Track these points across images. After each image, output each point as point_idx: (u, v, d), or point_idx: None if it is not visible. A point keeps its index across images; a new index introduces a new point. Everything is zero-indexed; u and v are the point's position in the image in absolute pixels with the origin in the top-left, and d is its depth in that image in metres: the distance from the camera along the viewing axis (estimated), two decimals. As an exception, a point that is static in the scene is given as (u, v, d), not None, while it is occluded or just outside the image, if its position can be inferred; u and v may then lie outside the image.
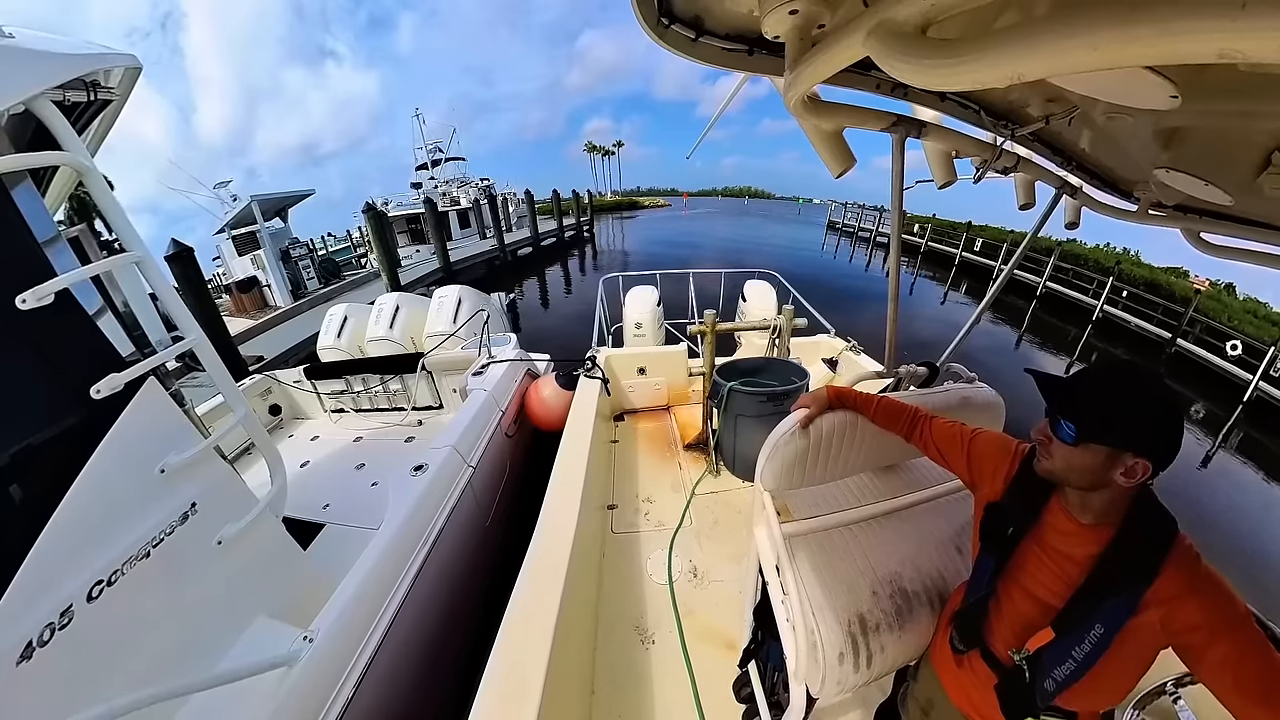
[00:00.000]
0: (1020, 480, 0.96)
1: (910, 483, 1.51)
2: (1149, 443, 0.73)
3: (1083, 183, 1.87)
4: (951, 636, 1.03)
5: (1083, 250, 16.91)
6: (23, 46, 1.36)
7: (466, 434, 2.87)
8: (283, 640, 1.58)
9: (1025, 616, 0.90)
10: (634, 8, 0.98)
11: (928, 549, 1.31)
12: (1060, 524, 0.87)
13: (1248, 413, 8.65)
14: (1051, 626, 0.84)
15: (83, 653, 1.23)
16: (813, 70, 0.88)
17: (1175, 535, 0.79)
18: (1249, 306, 13.18)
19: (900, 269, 2.22)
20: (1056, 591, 0.86)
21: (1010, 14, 0.80)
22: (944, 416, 1.20)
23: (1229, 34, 0.40)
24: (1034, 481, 0.90)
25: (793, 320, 3.16)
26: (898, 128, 1.31)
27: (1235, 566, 4.47)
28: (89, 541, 1.29)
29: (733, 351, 4.62)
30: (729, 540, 2.54)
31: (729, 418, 2.87)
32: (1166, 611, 0.76)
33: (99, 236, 4.05)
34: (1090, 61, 0.50)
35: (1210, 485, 6.46)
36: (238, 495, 1.75)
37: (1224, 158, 1.11)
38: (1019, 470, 0.97)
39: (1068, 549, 0.86)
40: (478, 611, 2.57)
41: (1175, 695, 1.38)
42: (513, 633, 1.45)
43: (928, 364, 2.22)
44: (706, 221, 41.91)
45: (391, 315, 4.91)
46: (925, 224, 22.09)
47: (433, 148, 23.64)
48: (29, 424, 1.25)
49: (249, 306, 11.32)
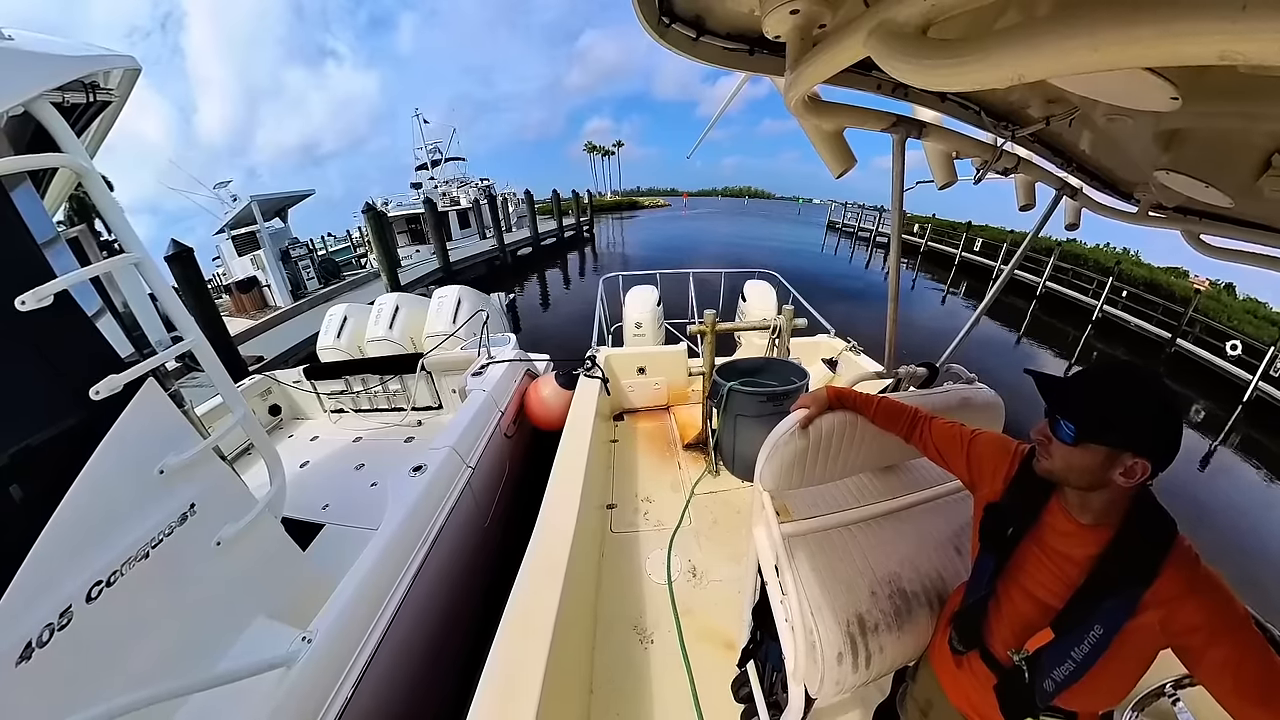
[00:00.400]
0: (1020, 481, 0.96)
1: (909, 483, 1.51)
2: (1148, 443, 0.73)
3: (1083, 184, 1.87)
4: (950, 637, 1.03)
5: (1082, 250, 16.92)
6: (22, 48, 1.36)
7: (466, 434, 2.87)
8: (282, 641, 1.58)
9: (1025, 617, 0.90)
10: (635, 7, 0.97)
11: (927, 549, 1.31)
12: (1060, 524, 0.87)
13: (1247, 413, 8.65)
14: (1051, 627, 0.84)
15: (82, 653, 1.23)
16: (813, 70, 0.88)
17: (1175, 536, 0.79)
18: (1249, 306, 13.18)
19: (900, 269, 2.22)
20: (1056, 592, 0.86)
21: (1011, 14, 0.80)
22: (943, 417, 1.20)
23: (1230, 36, 0.40)
24: (1034, 482, 0.91)
25: (792, 320, 3.16)
26: (898, 128, 1.31)
27: (1234, 566, 4.47)
28: (88, 542, 1.29)
29: (732, 351, 4.62)
30: (728, 540, 2.53)
31: (728, 418, 2.87)
32: (1166, 613, 0.76)
33: (98, 237, 4.04)
34: (1091, 62, 0.50)
35: (1210, 485, 6.46)
36: (237, 496, 1.75)
37: (1224, 160, 1.11)
38: (1018, 471, 0.97)
39: (1067, 549, 0.86)
40: (477, 611, 2.57)
41: (1174, 697, 1.38)
42: (512, 632, 1.45)
43: (927, 364, 2.22)
44: (706, 221, 41.95)
45: (391, 315, 4.91)
46: (925, 224, 22.09)
47: (432, 148, 23.63)
48: (28, 425, 1.25)
49: (249, 307, 11.31)
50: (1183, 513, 0.77)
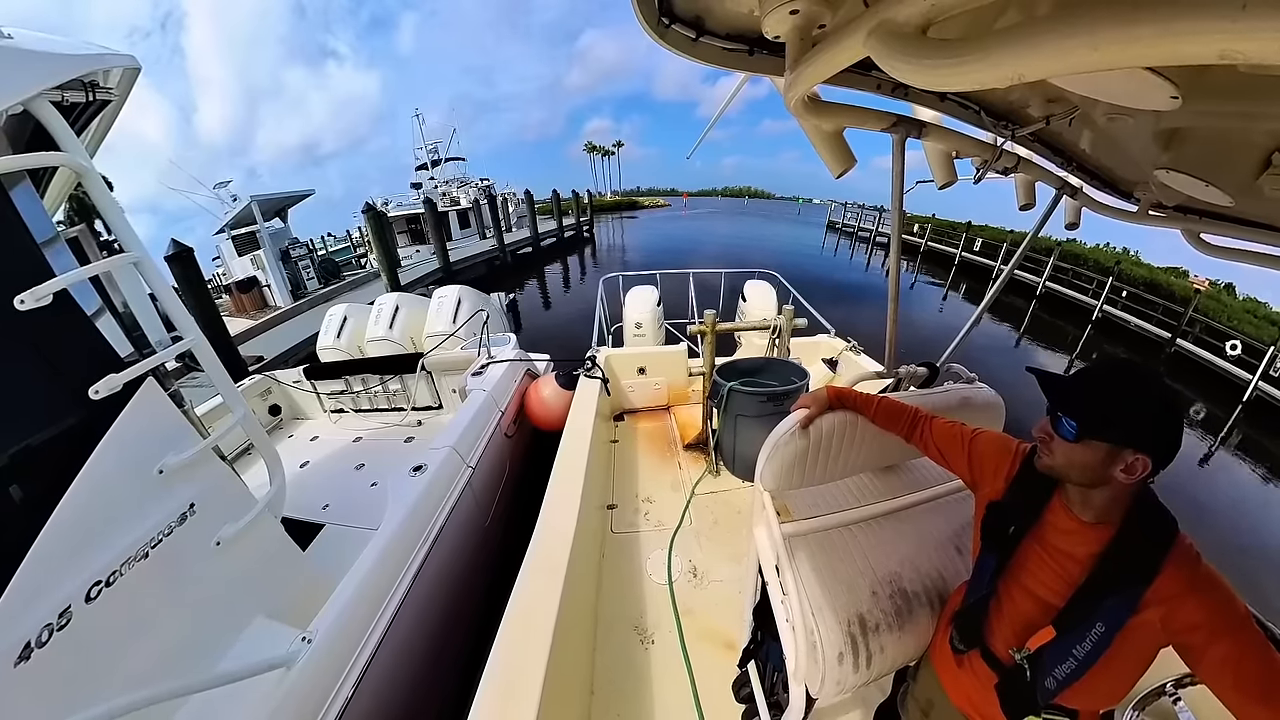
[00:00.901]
0: (1021, 479, 0.96)
1: (910, 483, 1.51)
2: (1149, 439, 0.74)
3: (1083, 183, 1.87)
4: (951, 636, 1.03)
5: (1082, 250, 16.93)
6: (21, 47, 1.36)
7: (466, 434, 2.87)
8: (281, 641, 1.58)
9: (1026, 615, 0.90)
10: (634, 8, 0.97)
11: (927, 549, 1.31)
12: (1061, 522, 0.88)
13: (1247, 412, 8.65)
14: (1052, 625, 0.85)
15: (81, 654, 1.23)
16: (813, 70, 0.88)
17: (1175, 534, 0.79)
18: (1248, 306, 13.19)
19: (900, 269, 2.22)
20: (1057, 590, 0.87)
21: (1011, 14, 0.80)
22: (944, 417, 1.20)
23: (1230, 35, 0.40)
24: (1035, 480, 0.91)
25: (793, 320, 3.16)
26: (898, 128, 1.30)
27: (1234, 564, 4.47)
28: (87, 542, 1.29)
29: (733, 351, 4.62)
30: (729, 540, 2.53)
31: (729, 418, 2.87)
32: (1167, 610, 0.76)
33: (98, 237, 4.04)
34: (1091, 62, 0.49)
35: (1210, 484, 6.47)
36: (236, 496, 1.75)
37: (1224, 159, 1.11)
38: (1020, 469, 0.97)
39: (1069, 547, 0.86)
40: (477, 612, 2.56)
41: (1175, 696, 1.37)
42: (512, 633, 1.45)
43: (928, 364, 2.22)
44: (706, 221, 41.95)
45: (391, 315, 4.90)
46: (925, 224, 22.09)
47: (432, 148, 23.64)
48: (27, 424, 1.25)
49: (248, 306, 11.31)
50: (1183, 512, 0.78)
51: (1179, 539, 0.79)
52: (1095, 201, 1.95)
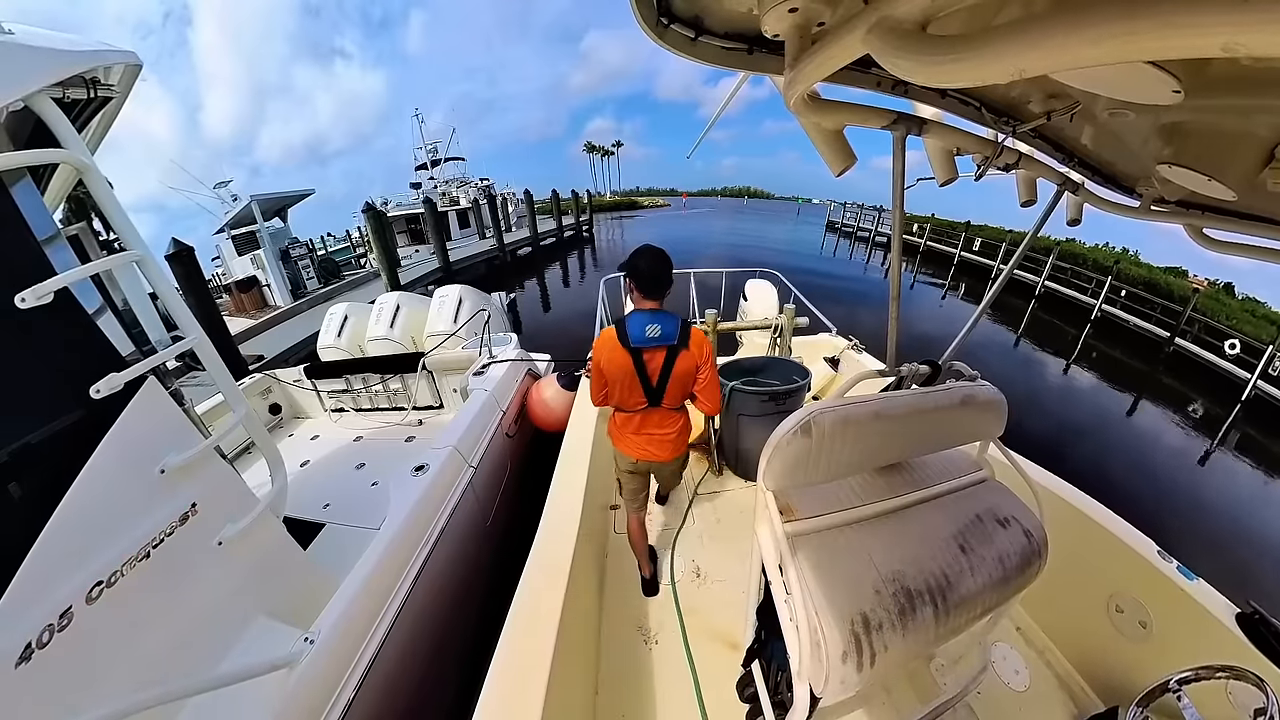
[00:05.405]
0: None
1: (912, 481, 1.51)
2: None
3: (1085, 179, 1.86)
4: None
5: (1081, 250, 16.95)
6: (22, 43, 1.36)
7: (467, 434, 2.86)
8: (283, 641, 1.58)
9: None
10: (633, 7, 0.97)
11: (930, 547, 1.30)
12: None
13: (1246, 411, 8.65)
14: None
15: (82, 654, 1.22)
16: (813, 68, 0.88)
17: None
18: (1247, 306, 13.20)
19: (901, 268, 2.21)
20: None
21: (1011, 9, 0.80)
22: (943, 416, 1.20)
23: (1232, 27, 0.40)
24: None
25: (794, 319, 3.16)
26: (898, 125, 1.30)
27: (1233, 561, 4.48)
28: (88, 542, 1.28)
29: (734, 351, 4.62)
30: (732, 540, 2.53)
31: (731, 417, 2.87)
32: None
33: (99, 235, 4.04)
34: (1092, 57, 0.49)
35: (1209, 482, 6.46)
36: (238, 495, 1.75)
37: (1227, 153, 1.11)
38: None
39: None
40: (480, 612, 2.56)
41: (1178, 692, 1.37)
42: (516, 633, 1.45)
43: (930, 362, 2.21)
44: (706, 221, 41.93)
45: (392, 315, 4.89)
46: (924, 223, 22.08)
47: (431, 148, 23.66)
48: (28, 423, 1.25)
49: (249, 306, 11.31)
50: (1183, 510, 0.78)
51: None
52: (1097, 197, 1.94)
